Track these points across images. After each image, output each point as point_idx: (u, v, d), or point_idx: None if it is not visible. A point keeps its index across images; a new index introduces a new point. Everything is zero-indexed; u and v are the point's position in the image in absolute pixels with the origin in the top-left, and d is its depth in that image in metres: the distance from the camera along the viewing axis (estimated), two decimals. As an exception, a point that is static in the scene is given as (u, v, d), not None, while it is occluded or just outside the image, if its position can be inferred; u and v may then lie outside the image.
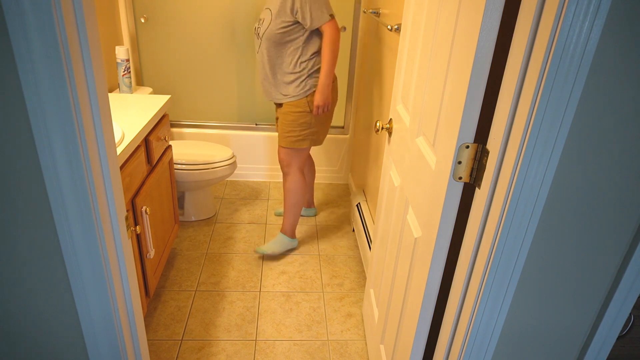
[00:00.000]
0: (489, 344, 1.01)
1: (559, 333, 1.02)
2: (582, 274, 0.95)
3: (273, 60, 2.16)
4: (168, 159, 2.14)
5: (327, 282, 2.32)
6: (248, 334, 1.96)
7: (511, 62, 0.82)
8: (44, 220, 0.89)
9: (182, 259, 2.41)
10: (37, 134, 0.80)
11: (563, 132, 0.79)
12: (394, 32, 2.08)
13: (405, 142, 1.39)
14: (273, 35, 2.08)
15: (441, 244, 1.07)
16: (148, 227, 1.77)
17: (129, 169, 1.58)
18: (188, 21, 2.84)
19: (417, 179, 1.23)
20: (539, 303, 0.98)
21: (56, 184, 0.84)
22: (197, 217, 2.75)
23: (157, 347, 1.87)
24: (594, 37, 0.72)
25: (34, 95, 0.77)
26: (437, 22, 1.12)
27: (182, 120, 3.13)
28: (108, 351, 1.04)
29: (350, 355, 1.90)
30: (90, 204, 0.87)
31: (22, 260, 0.93)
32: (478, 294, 0.95)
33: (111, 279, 0.96)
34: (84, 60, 0.81)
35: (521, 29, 0.79)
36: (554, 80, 0.74)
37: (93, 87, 0.83)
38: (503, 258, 0.90)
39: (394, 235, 1.48)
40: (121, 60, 2.38)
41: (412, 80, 1.35)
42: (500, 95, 0.86)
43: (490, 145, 0.90)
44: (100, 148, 0.89)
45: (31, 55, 0.74)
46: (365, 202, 2.59)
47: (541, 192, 0.84)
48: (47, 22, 0.72)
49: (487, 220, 0.92)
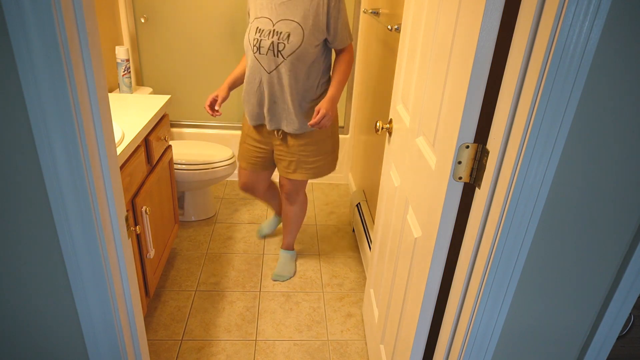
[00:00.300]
0: (489, 344, 1.01)
1: (559, 333, 1.02)
2: (582, 274, 0.95)
3: (300, 84, 1.81)
4: (168, 159, 2.14)
5: (327, 282, 2.32)
6: (248, 334, 1.96)
7: (511, 62, 0.82)
8: (44, 220, 0.89)
9: (182, 259, 2.41)
10: (37, 134, 0.80)
11: (563, 132, 0.79)
12: (394, 32, 2.08)
13: (405, 142, 1.39)
14: (307, 55, 1.75)
15: (441, 244, 1.07)
16: (148, 227, 1.77)
17: (129, 169, 1.58)
18: (188, 21, 2.84)
19: (417, 179, 1.23)
20: (539, 303, 0.98)
21: (56, 184, 0.84)
22: (197, 217, 2.76)
23: (157, 347, 1.87)
24: (594, 37, 0.72)
25: (34, 95, 0.77)
26: (437, 22, 1.12)
27: (182, 120, 3.13)
28: (108, 351, 1.04)
29: (350, 355, 1.90)
30: (90, 204, 0.87)
31: (22, 260, 0.93)
32: (478, 294, 0.95)
33: (111, 279, 0.96)
34: (84, 60, 0.81)
35: (521, 29, 0.79)
36: (554, 80, 0.74)
37: (93, 87, 0.83)
38: (503, 258, 0.90)
39: (394, 235, 1.48)
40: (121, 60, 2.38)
41: (412, 80, 1.35)
42: (500, 95, 0.86)
43: (490, 145, 0.90)
44: (100, 148, 0.89)
45: (31, 55, 0.74)
46: (365, 202, 2.59)
47: (541, 192, 0.84)
48: (47, 22, 0.72)
49: (487, 220, 0.92)
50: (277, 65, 1.78)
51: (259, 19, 1.78)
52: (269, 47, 1.75)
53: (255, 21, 1.79)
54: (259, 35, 1.76)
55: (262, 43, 1.76)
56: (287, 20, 1.72)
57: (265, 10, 1.76)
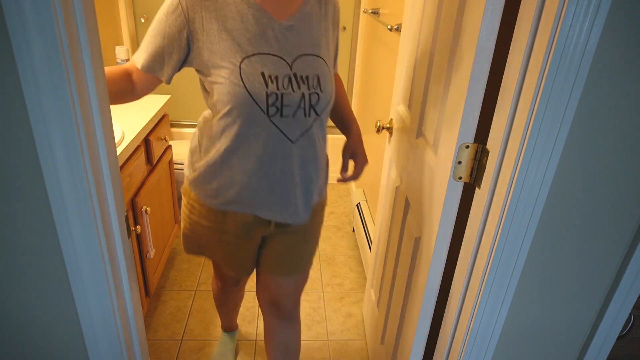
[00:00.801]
0: (489, 344, 1.01)
1: (559, 333, 1.02)
2: (582, 273, 0.95)
3: (323, 143, 1.18)
4: (168, 159, 2.14)
5: (327, 282, 2.32)
6: (248, 334, 1.96)
7: (511, 62, 0.82)
8: (44, 220, 0.89)
9: (182, 259, 2.41)
10: (37, 134, 0.80)
11: (563, 132, 0.79)
12: (394, 32, 2.08)
13: (405, 142, 1.39)
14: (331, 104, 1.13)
15: (441, 244, 1.08)
16: (148, 227, 1.77)
17: (129, 169, 1.58)
18: (188, 21, 2.84)
19: (417, 179, 1.23)
20: (539, 303, 0.98)
21: (56, 184, 0.84)
22: (197, 217, 2.75)
23: (157, 347, 1.87)
24: (594, 37, 0.72)
25: (34, 95, 0.77)
26: (437, 21, 1.12)
27: (182, 120, 3.13)
28: (108, 351, 1.04)
29: (350, 355, 1.90)
30: (90, 204, 0.87)
31: (22, 261, 0.93)
32: (478, 294, 0.95)
33: (111, 279, 0.96)
34: (84, 61, 0.81)
35: (521, 29, 0.79)
36: (554, 80, 0.74)
37: (93, 87, 0.83)
38: (503, 258, 0.90)
39: (394, 235, 1.48)
40: (121, 60, 2.38)
41: (412, 80, 1.35)
42: (500, 95, 0.86)
43: (490, 145, 0.90)
44: (100, 148, 0.89)
45: (31, 56, 0.74)
46: (365, 202, 2.59)
47: (541, 192, 0.84)
48: (47, 22, 0.72)
49: (487, 220, 0.92)
50: (307, 129, 1.08)
51: (257, 56, 1.01)
52: (298, 105, 1.04)
53: (251, 63, 1.00)
54: (275, 87, 1.01)
55: (287, 99, 1.02)
56: (310, 57, 1.05)
57: (263, 43, 1.02)
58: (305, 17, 1.06)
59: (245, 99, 1.00)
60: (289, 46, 1.04)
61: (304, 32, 1.06)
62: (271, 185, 1.11)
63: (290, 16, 1.04)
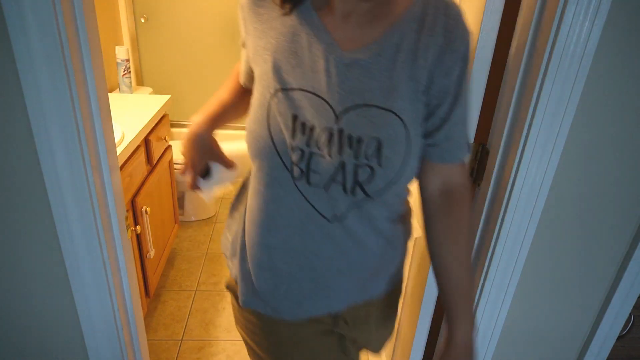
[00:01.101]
0: (489, 344, 1.01)
1: (559, 333, 1.02)
2: (582, 274, 0.95)
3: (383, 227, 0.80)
4: (168, 159, 2.14)
5: (327, 282, 2.32)
6: None
7: (511, 62, 0.82)
8: (44, 220, 0.89)
9: (182, 259, 2.41)
10: (37, 134, 0.80)
11: (563, 132, 0.79)
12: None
13: (405, 142, 1.39)
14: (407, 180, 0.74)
15: (441, 244, 1.07)
16: (148, 227, 1.77)
17: (129, 169, 1.58)
18: (188, 21, 2.84)
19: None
20: (538, 303, 0.98)
21: (56, 184, 0.84)
22: (197, 217, 2.75)
23: (157, 347, 1.87)
24: (594, 37, 0.72)
25: (34, 95, 0.77)
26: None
27: (182, 120, 3.13)
28: (108, 351, 1.04)
29: (350, 355, 1.90)
30: (90, 204, 0.87)
31: (22, 261, 0.93)
32: (478, 294, 0.95)
33: (111, 279, 0.96)
34: (84, 60, 0.81)
35: (521, 29, 0.79)
36: (554, 80, 0.74)
37: (93, 87, 0.83)
38: (503, 258, 0.90)
39: (394, 235, 1.48)
40: (121, 60, 2.38)
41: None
42: (501, 95, 0.86)
43: (490, 145, 0.90)
44: (100, 148, 0.89)
45: (31, 55, 0.74)
46: (365, 202, 2.59)
47: (541, 192, 0.84)
48: (47, 22, 0.72)
49: (487, 220, 0.92)
50: (347, 209, 0.72)
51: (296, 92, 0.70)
52: (332, 178, 0.69)
53: (284, 100, 0.70)
54: (305, 142, 0.69)
55: (315, 164, 0.69)
56: (374, 109, 0.68)
57: (310, 76, 0.70)
58: (384, 50, 0.68)
59: (267, 146, 0.71)
60: (346, 88, 0.68)
61: (376, 71, 0.68)
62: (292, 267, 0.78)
63: (363, 46, 0.69)
